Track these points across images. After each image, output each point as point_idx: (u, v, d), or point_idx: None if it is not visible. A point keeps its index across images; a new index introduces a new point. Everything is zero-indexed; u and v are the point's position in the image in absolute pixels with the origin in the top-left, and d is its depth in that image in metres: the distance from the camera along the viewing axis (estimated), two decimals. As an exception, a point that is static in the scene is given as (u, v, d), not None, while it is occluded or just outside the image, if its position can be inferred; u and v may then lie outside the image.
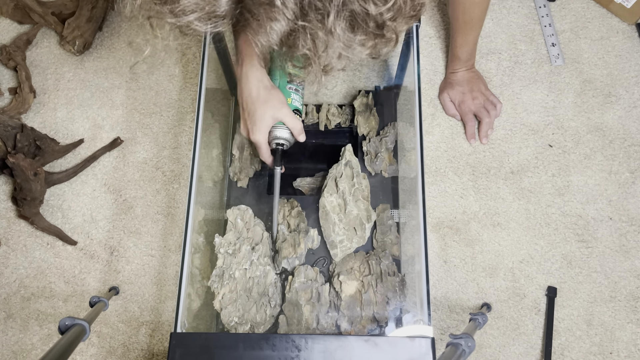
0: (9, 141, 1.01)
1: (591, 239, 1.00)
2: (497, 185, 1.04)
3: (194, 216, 0.75)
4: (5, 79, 1.16)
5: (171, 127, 1.11)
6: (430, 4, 1.19)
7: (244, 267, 0.84)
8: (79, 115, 1.12)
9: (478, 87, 1.08)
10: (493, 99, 1.08)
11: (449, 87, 1.09)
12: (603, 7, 1.17)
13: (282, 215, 0.92)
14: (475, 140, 1.07)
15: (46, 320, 0.98)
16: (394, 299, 0.84)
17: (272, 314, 0.84)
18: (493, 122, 1.07)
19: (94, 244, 1.03)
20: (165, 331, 0.97)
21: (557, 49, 1.13)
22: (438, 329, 0.96)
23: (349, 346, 0.64)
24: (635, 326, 0.95)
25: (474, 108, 1.07)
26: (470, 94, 1.07)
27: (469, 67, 1.08)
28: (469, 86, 1.07)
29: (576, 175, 1.04)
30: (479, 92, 1.07)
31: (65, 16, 1.15)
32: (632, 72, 1.11)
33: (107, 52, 1.17)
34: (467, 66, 1.07)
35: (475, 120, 1.08)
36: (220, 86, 0.99)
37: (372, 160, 0.97)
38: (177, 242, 1.02)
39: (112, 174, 1.07)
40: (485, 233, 1.01)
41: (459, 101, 1.07)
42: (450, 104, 1.09)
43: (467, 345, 0.68)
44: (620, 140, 1.06)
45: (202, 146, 0.80)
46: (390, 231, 0.91)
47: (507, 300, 0.97)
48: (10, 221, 1.05)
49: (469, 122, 1.07)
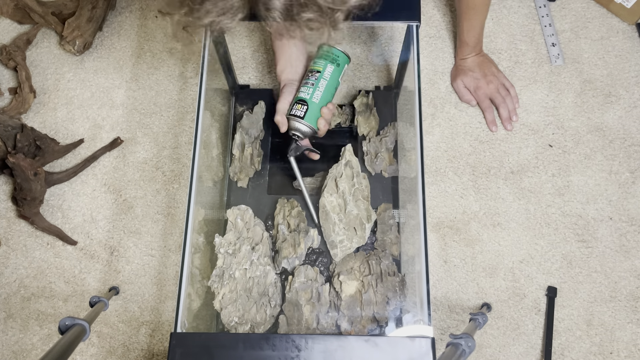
0: (9, 141, 1.01)
1: (591, 239, 1.00)
2: (497, 185, 1.04)
3: (194, 216, 0.75)
4: (5, 79, 1.16)
5: (171, 127, 1.11)
6: (430, 3, 1.19)
7: (244, 267, 0.84)
8: (79, 115, 1.12)
9: (491, 71, 1.09)
10: (506, 82, 1.09)
11: (462, 73, 1.09)
12: (603, 7, 1.17)
13: (282, 215, 0.92)
14: (497, 127, 1.08)
15: (46, 320, 0.98)
16: (394, 299, 0.84)
17: (272, 314, 0.84)
18: (515, 108, 1.08)
19: (94, 244, 1.03)
20: (165, 331, 0.97)
21: (557, 49, 1.13)
22: (438, 329, 0.96)
23: (349, 346, 0.64)
24: (635, 326, 0.95)
25: (490, 92, 1.08)
26: (484, 79, 1.08)
27: (478, 52, 1.09)
28: (482, 71, 1.08)
29: (576, 175, 1.04)
30: (492, 75, 1.08)
31: (65, 16, 1.15)
32: (632, 72, 1.11)
33: (107, 52, 1.17)
34: (476, 51, 1.08)
35: (493, 107, 1.08)
36: (220, 86, 0.99)
37: (372, 160, 0.97)
38: (177, 242, 1.02)
39: (112, 174, 1.07)
40: (485, 233, 1.01)
41: (474, 87, 1.08)
42: (464, 90, 1.09)
43: (467, 345, 0.68)
44: (621, 140, 1.06)
45: (202, 146, 0.80)
46: (390, 230, 0.92)
47: (507, 300, 0.97)
48: (10, 221, 1.05)
49: (487, 109, 1.08)
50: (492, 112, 1.08)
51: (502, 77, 1.09)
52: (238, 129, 0.98)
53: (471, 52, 1.08)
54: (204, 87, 0.81)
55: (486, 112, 1.08)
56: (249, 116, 1.00)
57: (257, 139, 0.99)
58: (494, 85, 1.08)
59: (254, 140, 0.99)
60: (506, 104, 1.07)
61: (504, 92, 1.08)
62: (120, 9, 1.21)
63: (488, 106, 1.08)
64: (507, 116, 1.07)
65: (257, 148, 0.99)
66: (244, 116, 1.00)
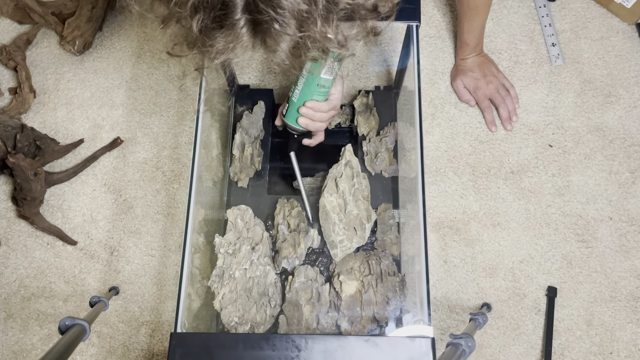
0: (9, 141, 1.01)
1: (591, 239, 1.00)
2: (497, 185, 1.04)
3: (194, 216, 0.75)
4: (5, 79, 1.16)
5: (171, 127, 1.11)
6: (430, 3, 1.19)
7: (244, 267, 0.84)
8: (79, 115, 1.12)
9: (490, 71, 1.09)
10: (506, 82, 1.09)
11: (462, 74, 1.09)
12: (603, 7, 1.17)
13: (282, 215, 0.92)
14: (497, 128, 1.08)
15: (46, 320, 0.98)
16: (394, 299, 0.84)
17: (272, 314, 0.84)
18: (515, 108, 1.08)
19: (94, 244, 1.03)
20: (165, 331, 0.97)
21: (557, 49, 1.13)
22: (438, 329, 0.96)
23: (349, 346, 0.64)
24: (635, 326, 0.95)
25: (489, 93, 1.08)
26: (484, 79, 1.08)
27: (478, 52, 1.09)
28: (482, 71, 1.08)
29: (576, 175, 1.04)
30: (492, 75, 1.08)
31: (65, 16, 1.15)
32: (632, 72, 1.11)
33: (107, 52, 1.17)
34: (477, 51, 1.08)
35: (492, 107, 1.09)
36: (220, 86, 0.99)
37: (372, 160, 0.97)
38: (177, 242, 1.02)
39: (112, 174, 1.07)
40: (485, 233, 1.01)
41: (474, 87, 1.08)
42: (464, 90, 1.09)
43: (467, 345, 0.68)
44: (621, 140, 1.06)
45: (202, 146, 0.80)
46: (390, 230, 0.92)
47: (507, 300, 0.97)
48: (10, 221, 1.05)
49: (486, 109, 1.08)
50: (492, 112, 1.08)
51: (502, 78, 1.09)
52: (238, 129, 0.98)
53: (471, 52, 1.08)
54: (204, 87, 0.81)
55: (485, 112, 1.08)
56: (249, 116, 1.00)
57: (257, 139, 0.99)
58: (493, 85, 1.08)
59: (254, 140, 0.99)
60: (506, 104, 1.07)
61: (504, 92, 1.08)
62: (120, 9, 1.21)
63: (487, 106, 1.08)
64: (506, 116, 1.07)
65: (257, 148, 0.99)
66: (244, 116, 1.00)
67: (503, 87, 1.08)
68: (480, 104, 1.09)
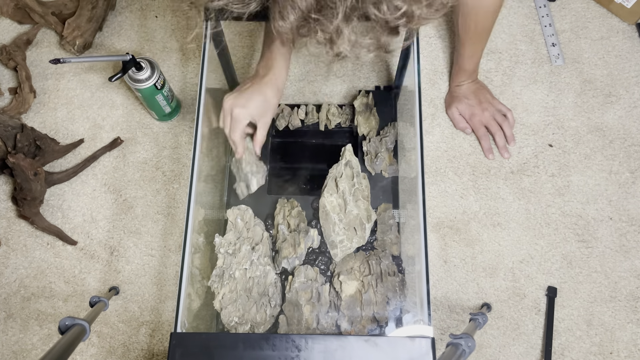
0: (9, 141, 1.01)
1: (591, 239, 1.00)
2: (497, 185, 1.04)
3: (194, 216, 0.75)
4: (5, 79, 1.16)
5: (171, 127, 1.11)
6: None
7: (244, 267, 0.84)
8: (79, 115, 1.12)
9: (485, 98, 1.07)
10: (502, 107, 1.07)
11: (457, 100, 1.07)
12: (603, 7, 1.17)
13: (282, 215, 0.92)
14: (494, 155, 1.06)
15: (46, 320, 0.98)
16: (394, 299, 0.84)
17: (272, 314, 0.84)
18: (512, 134, 1.06)
19: (94, 244, 1.03)
20: (165, 331, 0.97)
21: (557, 49, 1.13)
22: (438, 329, 0.96)
23: (349, 346, 0.64)
24: (635, 326, 0.95)
25: (485, 120, 1.06)
26: (479, 106, 1.06)
27: (474, 79, 1.07)
28: (477, 98, 1.06)
29: (576, 175, 1.04)
30: (488, 102, 1.07)
31: (65, 16, 1.15)
32: (632, 72, 1.11)
33: (107, 52, 1.17)
34: (472, 78, 1.07)
35: (489, 134, 1.07)
36: (220, 86, 0.99)
37: (372, 160, 0.97)
38: (177, 242, 1.02)
39: (112, 174, 1.07)
40: (485, 233, 1.01)
41: (470, 114, 1.06)
42: (459, 117, 1.07)
43: (467, 345, 0.68)
44: (621, 140, 1.06)
45: (202, 146, 0.80)
46: (390, 230, 0.92)
47: (507, 300, 0.97)
48: (10, 221, 1.05)
49: (483, 137, 1.06)
50: (488, 140, 1.06)
51: (497, 104, 1.07)
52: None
53: (467, 78, 1.06)
54: (204, 87, 0.81)
55: (482, 140, 1.06)
56: (249, 116, 1.00)
57: (257, 139, 0.99)
58: (489, 112, 1.06)
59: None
60: (502, 132, 1.06)
61: (500, 118, 1.06)
62: (120, 9, 1.21)
63: (484, 134, 1.06)
64: (503, 144, 1.06)
65: (257, 148, 0.99)
66: (244, 116, 0.99)
67: (499, 113, 1.06)
68: (476, 132, 1.07)
